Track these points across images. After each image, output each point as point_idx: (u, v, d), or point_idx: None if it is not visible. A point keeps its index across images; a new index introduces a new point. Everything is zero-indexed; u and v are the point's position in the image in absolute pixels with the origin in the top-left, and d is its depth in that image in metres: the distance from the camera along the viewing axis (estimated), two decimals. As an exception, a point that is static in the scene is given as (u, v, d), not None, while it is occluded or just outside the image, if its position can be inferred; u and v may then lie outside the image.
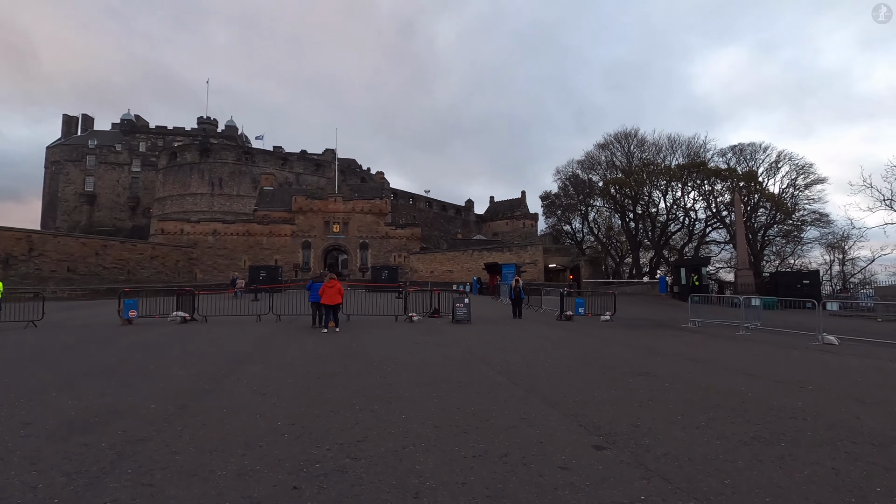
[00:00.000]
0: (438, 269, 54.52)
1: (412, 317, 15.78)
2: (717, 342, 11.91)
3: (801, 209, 41.95)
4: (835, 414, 5.38)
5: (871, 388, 6.79)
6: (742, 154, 43.46)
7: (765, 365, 8.64)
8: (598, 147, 48.23)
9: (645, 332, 14.00)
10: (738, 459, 4.01)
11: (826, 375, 7.73)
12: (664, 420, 5.12)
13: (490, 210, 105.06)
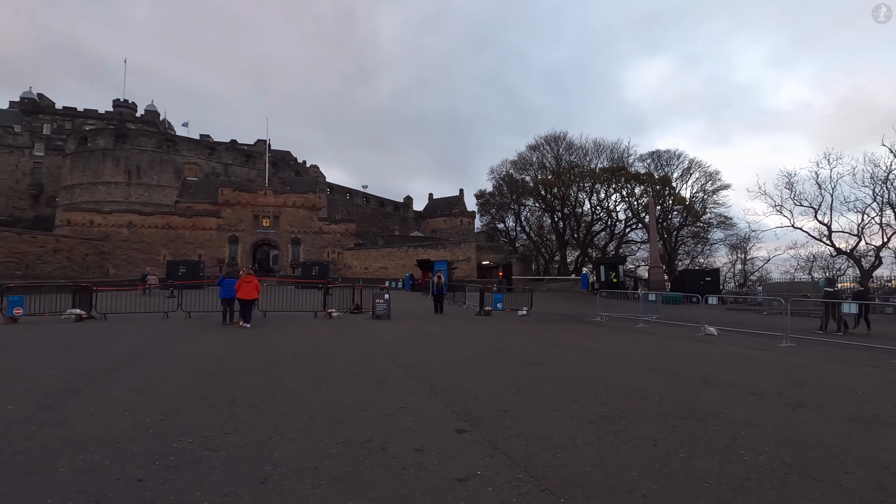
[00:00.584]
0: (373, 266, 54.13)
1: (331, 313, 15.67)
2: (614, 334, 12.84)
3: (709, 213, 45.84)
4: (680, 394, 6.05)
5: (722, 371, 7.67)
6: (659, 160, 46.78)
7: (644, 353, 9.46)
8: (530, 148, 50.02)
9: (553, 325, 14.80)
10: (579, 436, 4.44)
11: (690, 361, 8.62)
12: (532, 405, 5.53)
13: (429, 207, 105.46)
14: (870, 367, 8.21)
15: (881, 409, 5.51)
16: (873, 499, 3.21)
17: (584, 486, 3.38)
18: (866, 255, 36.20)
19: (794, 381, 6.90)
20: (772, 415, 5.19)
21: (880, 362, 8.72)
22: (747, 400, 5.84)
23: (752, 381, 6.91)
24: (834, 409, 5.49)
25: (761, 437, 4.45)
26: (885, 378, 7.34)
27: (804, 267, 39.69)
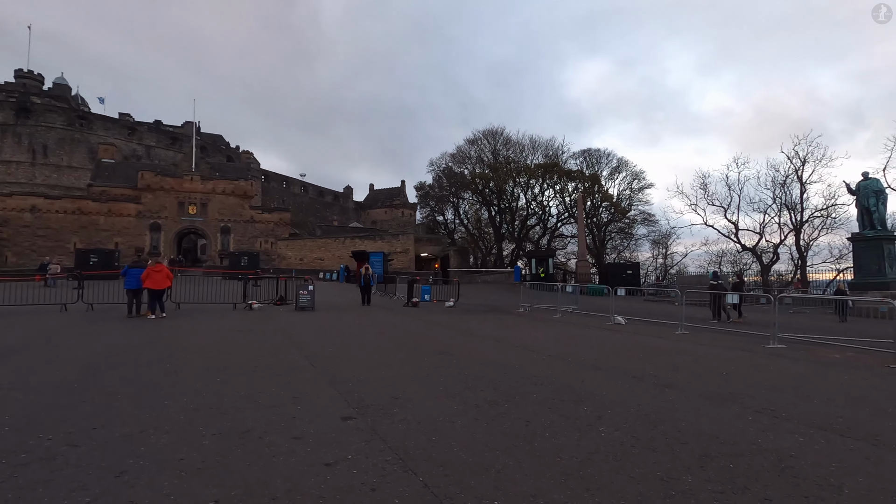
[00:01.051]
0: (309, 257, 52.84)
1: (252, 305, 15.19)
2: (530, 324, 13.41)
3: (634, 210, 48.69)
4: (568, 379, 6.47)
5: (613, 357, 8.26)
6: (590, 158, 48.98)
7: (551, 342, 9.98)
8: (468, 142, 50.69)
9: (475, 316, 15.20)
10: (459, 420, 4.65)
11: (589, 348, 9.20)
12: (426, 392, 5.70)
13: (370, 198, 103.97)
14: (742, 352, 9.14)
15: (737, 387, 6.18)
16: (695, 464, 3.63)
17: (446, 466, 3.57)
18: (767, 251, 40.01)
19: (672, 365, 7.57)
20: (641, 395, 5.68)
21: (753, 347, 9.72)
22: (625, 382, 6.34)
23: (637, 365, 7.50)
24: (696, 388, 6.09)
25: (624, 415, 4.87)
26: (750, 361, 8.21)
27: (715, 262, 43.13)
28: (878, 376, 7.12)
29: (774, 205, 38.23)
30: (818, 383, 6.57)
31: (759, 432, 4.41)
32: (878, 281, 20.05)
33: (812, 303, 21.75)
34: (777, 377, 6.89)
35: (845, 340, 10.43)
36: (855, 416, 4.97)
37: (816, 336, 10.64)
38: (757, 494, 3.16)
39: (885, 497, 3.15)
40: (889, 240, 20.46)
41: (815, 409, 5.24)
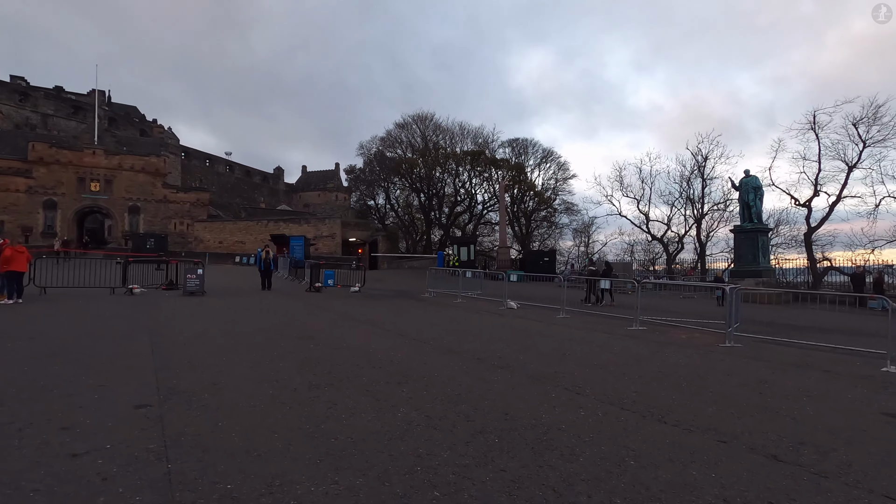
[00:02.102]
0: (229, 240, 50.27)
1: (133, 289, 14.21)
2: (424, 308, 13.56)
3: (559, 199, 50.50)
4: (412, 362, 6.58)
5: (475, 339, 8.52)
6: (518, 147, 50.04)
7: (428, 326, 10.13)
8: (398, 126, 50.04)
9: (374, 301, 15.15)
10: (262, 405, 4.57)
11: (460, 332, 9.43)
12: (252, 377, 5.56)
13: (302, 180, 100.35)
14: (602, 333, 9.74)
15: (566, 367, 6.55)
16: (463, 440, 3.78)
17: (209, 451, 3.47)
18: (673, 241, 43.00)
19: (524, 346, 7.92)
20: (470, 376, 5.88)
21: (616, 329, 10.38)
22: (466, 364, 6.54)
23: (491, 347, 7.77)
24: (529, 368, 6.39)
25: (436, 395, 5.01)
26: (603, 341, 8.77)
27: (628, 251, 45.81)
28: (702, 355, 7.84)
29: (681, 198, 41.03)
30: (646, 362, 7.11)
31: (550, 408, 4.69)
32: (753, 269, 22.13)
33: (687, 289, 23.66)
34: (612, 357, 7.39)
35: (700, 322, 11.37)
36: (648, 391, 5.42)
37: (677, 319, 11.55)
38: (497, 465, 3.34)
39: (611, 464, 3.43)
40: (763, 232, 22.61)
41: (620, 385, 5.66)
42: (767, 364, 7.13)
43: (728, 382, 5.97)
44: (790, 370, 6.78)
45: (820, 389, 5.78)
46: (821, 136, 30.17)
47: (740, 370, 6.69)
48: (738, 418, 4.57)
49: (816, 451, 3.81)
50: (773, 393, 5.54)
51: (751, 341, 9.06)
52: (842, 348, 8.23)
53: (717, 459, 3.58)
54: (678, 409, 4.80)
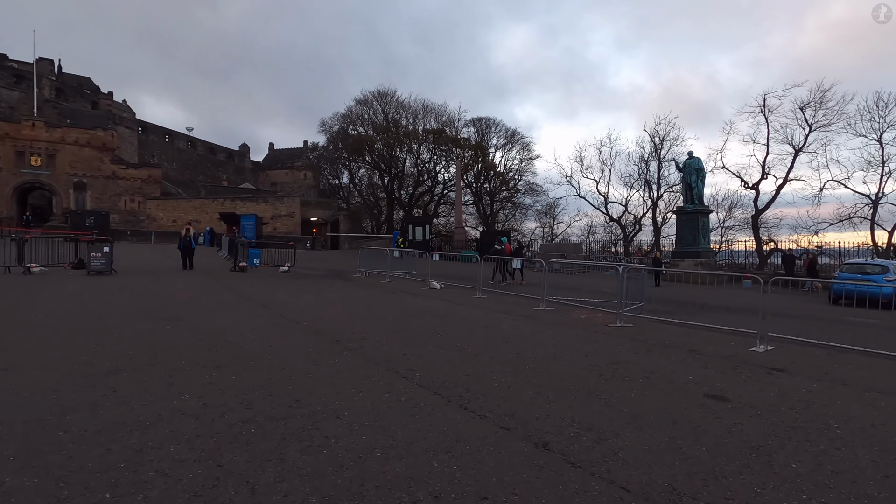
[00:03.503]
0: (183, 219, 48.37)
1: (31, 268, 13.37)
2: (340, 288, 13.18)
3: (524, 180, 50.31)
4: (255, 343, 6.19)
5: (355, 318, 8.18)
6: (482, 126, 49.42)
7: (325, 306, 9.76)
8: (358, 103, 48.71)
9: (294, 281, 14.63)
10: (35, 388, 4.14)
11: (350, 313, 9.08)
12: (56, 361, 5.10)
13: (270, 158, 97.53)
14: (502, 314, 9.53)
15: (421, 349, 6.27)
16: (231, 428, 3.44)
17: None
18: (630, 223, 43.46)
19: (400, 327, 7.62)
20: (306, 359, 5.54)
21: (520, 310, 10.18)
22: (318, 346, 6.21)
23: (364, 328, 7.44)
24: (379, 350, 6.08)
25: (247, 381, 4.64)
26: (490, 321, 8.54)
27: (589, 231, 46.15)
28: (582, 335, 7.67)
29: (639, 180, 41.34)
30: (514, 343, 6.88)
31: (353, 394, 4.38)
32: (693, 250, 22.40)
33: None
34: (485, 338, 7.14)
35: (613, 303, 11.26)
36: (482, 375, 5.17)
37: (593, 299, 11.44)
38: (218, 461, 3.01)
39: (353, 456, 3.14)
40: (704, 214, 22.85)
41: (460, 368, 5.40)
42: (637, 345, 7.00)
43: (578, 364, 5.78)
44: (655, 351, 6.65)
45: (666, 370, 5.64)
46: (770, 120, 30.62)
47: (603, 351, 6.53)
48: (550, 402, 4.36)
49: (597, 437, 3.60)
50: (615, 375, 5.36)
51: (645, 322, 9.00)
52: (727, 329, 8.18)
53: (478, 449, 3.32)
54: (495, 393, 4.56)
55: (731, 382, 5.22)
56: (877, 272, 14.84)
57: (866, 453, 3.48)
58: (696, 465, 3.20)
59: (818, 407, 4.51)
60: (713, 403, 4.52)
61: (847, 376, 5.62)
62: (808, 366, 6.06)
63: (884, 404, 4.64)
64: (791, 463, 3.29)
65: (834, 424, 4.06)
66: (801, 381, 5.36)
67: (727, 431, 3.83)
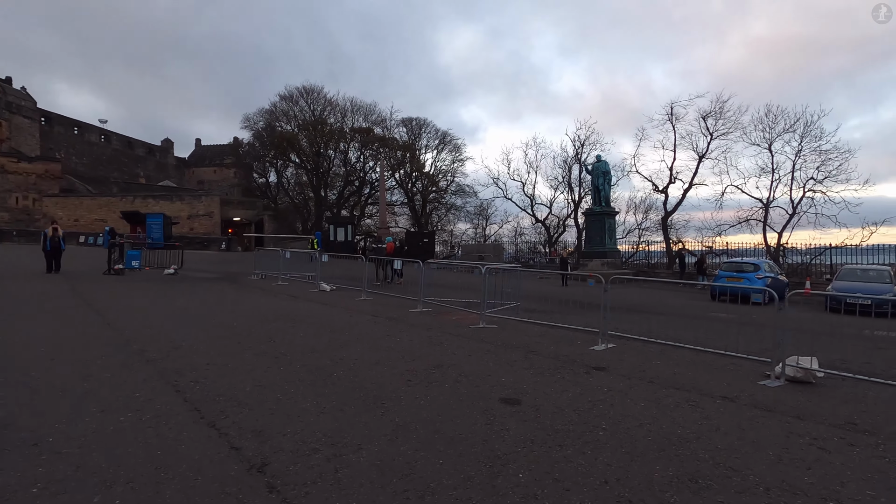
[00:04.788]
0: (87, 218, 44.62)
1: None
2: (219, 291, 12.32)
3: (455, 182, 50.45)
4: (26, 352, 5.44)
5: (189, 323, 7.53)
6: (414, 127, 49.06)
7: (173, 312, 8.96)
8: (283, 98, 46.91)
9: (169, 285, 13.54)
10: None
11: (190, 317, 8.38)
12: None
13: (196, 155, 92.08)
14: (365, 315, 9.16)
15: (239, 358, 5.76)
16: None
17: None
18: (554, 224, 44.67)
19: (233, 334, 7.05)
20: (83, 369, 4.88)
21: (391, 312, 9.86)
22: (116, 356, 5.54)
23: (179, 333, 6.81)
24: (191, 357, 5.51)
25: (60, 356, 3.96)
26: (345, 322, 8.15)
27: (516, 232, 47.02)
28: (435, 336, 7.43)
29: (563, 182, 42.55)
30: (355, 345, 6.52)
31: (81, 410, 3.82)
32: (600, 250, 23.17)
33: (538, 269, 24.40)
34: (326, 342, 6.73)
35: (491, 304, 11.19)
36: (273, 383, 4.75)
37: (473, 300, 11.31)
38: None
39: (64, 456, 2.61)
40: (610, 215, 23.70)
41: (258, 378, 4.95)
42: (481, 346, 6.85)
43: (396, 369, 5.49)
44: (492, 352, 6.51)
45: (483, 373, 5.46)
46: (677, 128, 32.42)
47: (437, 354, 6.31)
48: (320, 414, 4.01)
49: (331, 454, 3.28)
50: (426, 380, 5.12)
51: (511, 322, 8.92)
52: (582, 329, 8.22)
53: (178, 475, 2.89)
54: (264, 406, 4.17)
55: (539, 384, 5.11)
56: (750, 270, 15.88)
57: (609, 457, 3.39)
58: (422, 482, 2.94)
59: (604, 407, 4.46)
60: (501, 407, 4.35)
61: (659, 374, 5.70)
62: (630, 364, 6.12)
63: (668, 402, 4.67)
64: (519, 472, 3.12)
65: (604, 425, 3.99)
66: (610, 380, 5.35)
67: (487, 438, 3.64)
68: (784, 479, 3.15)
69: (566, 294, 15.32)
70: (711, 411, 4.44)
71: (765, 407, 4.62)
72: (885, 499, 2.94)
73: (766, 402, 4.75)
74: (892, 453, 3.62)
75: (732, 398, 4.86)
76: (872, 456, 3.56)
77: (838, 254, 25.62)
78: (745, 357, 6.13)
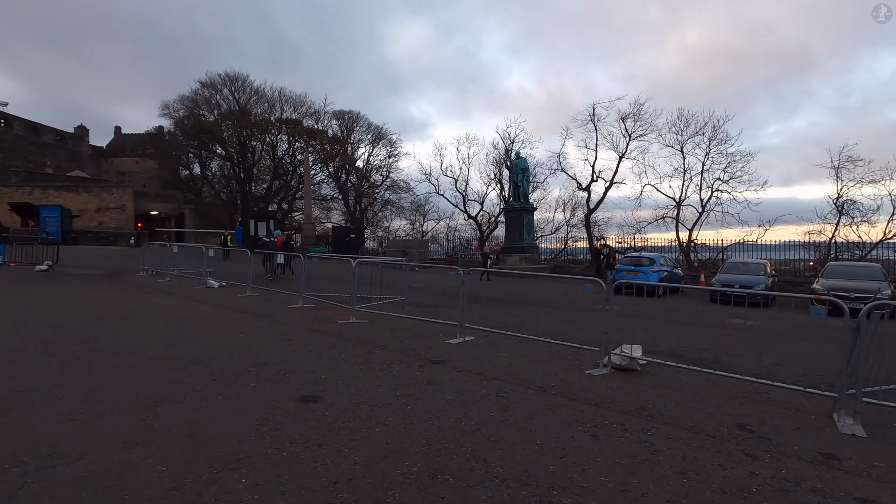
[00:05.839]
0: (-26, 210, 40.11)
1: None
2: (89, 288, 11.29)
3: (391, 178, 49.77)
4: None
5: (25, 325, 6.76)
6: (347, 121, 47.86)
7: (21, 312, 8.05)
8: (204, 86, 44.30)
9: (30, 282, 12.29)
10: None
11: (29, 318, 7.57)
12: None
13: (116, 144, 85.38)
14: (237, 312, 8.65)
15: (26, 361, 5.16)
16: None
17: None
18: (485, 221, 45.24)
19: (60, 336, 6.38)
20: None
21: (262, 309, 9.39)
22: None
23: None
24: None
25: None
26: (189, 321, 7.63)
27: (448, 227, 47.25)
28: (289, 332, 7.08)
29: (494, 180, 43.10)
30: (182, 346, 6.04)
31: None
32: (519, 245, 23.55)
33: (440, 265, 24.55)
34: (150, 343, 6.20)
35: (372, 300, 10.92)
36: (28, 387, 4.24)
37: (362, 295, 11.02)
38: None
39: None
40: (528, 211, 24.17)
41: (40, 365, 4.41)
42: (337, 341, 6.59)
43: (197, 365, 5.10)
44: (338, 347, 6.27)
45: (306, 369, 5.20)
46: (599, 128, 33.60)
47: (264, 352, 5.97)
48: (4, 424, 3.57)
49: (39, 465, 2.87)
50: (232, 378, 4.77)
51: (383, 317, 8.67)
52: (451, 323, 8.13)
53: None
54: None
55: (357, 380, 4.91)
56: (646, 264, 16.65)
57: (362, 455, 3.21)
58: (121, 494, 2.61)
59: (407, 402, 4.31)
60: (292, 406, 4.10)
61: (495, 366, 5.67)
62: (473, 357, 6.06)
63: (479, 394, 4.61)
64: (243, 479, 2.87)
65: (388, 421, 3.83)
66: (437, 374, 5.24)
67: (244, 440, 3.37)
68: (529, 468, 3.10)
69: (475, 290, 15.35)
70: (516, 402, 4.41)
71: (571, 396, 4.66)
72: (612, 484, 2.95)
73: (577, 391, 4.79)
74: (656, 438, 3.70)
75: (547, 388, 4.87)
76: (635, 441, 3.62)
77: (742, 249, 27.54)
78: (588, 348, 6.23)
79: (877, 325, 4.24)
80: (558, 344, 6.62)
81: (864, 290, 12.43)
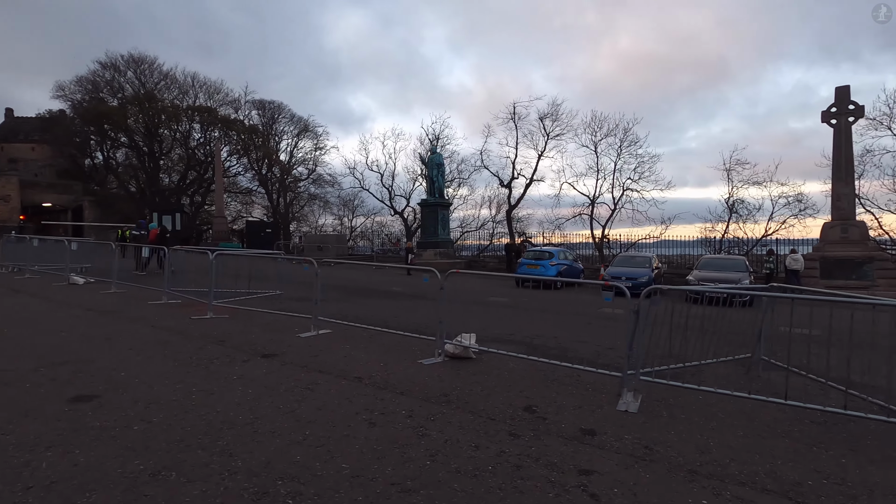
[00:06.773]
0: None
1: None
2: None
3: (318, 171, 48.27)
4: None
5: None
6: (269, 111, 45.79)
7: None
8: (105, 67, 40.71)
9: None
10: None
11: None
12: None
13: (7, 128, 76.44)
14: (69, 309, 7.96)
15: None
16: None
17: None
18: (414, 216, 45.20)
19: None
20: None
21: (122, 307, 8.73)
22: None
23: None
24: None
25: None
26: (36, 321, 6.94)
27: (373, 222, 46.88)
28: (126, 329, 6.58)
29: (421, 174, 43.08)
30: None
31: None
32: (434, 240, 23.67)
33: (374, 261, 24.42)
34: None
35: (239, 295, 10.49)
36: None
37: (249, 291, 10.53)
38: None
39: None
40: (444, 206, 24.36)
41: None
42: (161, 336, 6.18)
43: None
44: (166, 343, 5.89)
45: (105, 367, 4.82)
46: (520, 126, 34.46)
47: (77, 350, 5.51)
48: None
49: None
50: (11, 381, 4.31)
51: (247, 313, 8.25)
52: (305, 316, 7.93)
53: None
54: None
55: (160, 376, 4.61)
56: (546, 258, 17.28)
57: (92, 455, 2.97)
58: None
59: (198, 397, 4.10)
60: (58, 406, 3.76)
61: (329, 359, 5.57)
62: (313, 350, 5.94)
63: (281, 388, 4.47)
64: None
65: (156, 418, 3.60)
66: (258, 369, 5.06)
67: (-40, 448, 3.01)
68: (274, 459, 3.01)
69: (383, 284, 15.22)
70: (319, 395, 4.32)
71: (382, 386, 4.64)
72: (349, 470, 2.92)
73: (393, 381, 4.79)
74: (434, 423, 3.74)
75: (364, 378, 4.83)
76: (409, 427, 3.64)
77: (647, 246, 29.41)
78: (430, 339, 6.27)
79: (657, 309, 4.57)
80: (411, 336, 6.62)
81: (728, 280, 13.60)
